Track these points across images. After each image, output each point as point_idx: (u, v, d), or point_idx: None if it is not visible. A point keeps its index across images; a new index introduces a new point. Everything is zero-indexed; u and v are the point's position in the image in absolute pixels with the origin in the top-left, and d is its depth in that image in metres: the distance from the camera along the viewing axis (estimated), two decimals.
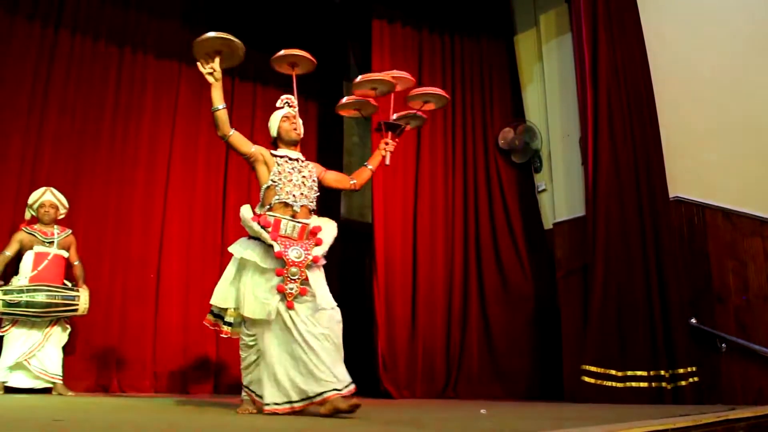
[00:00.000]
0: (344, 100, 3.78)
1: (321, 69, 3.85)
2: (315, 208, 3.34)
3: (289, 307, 2.99)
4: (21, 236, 4.67)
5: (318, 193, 3.37)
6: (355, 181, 3.51)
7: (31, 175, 5.08)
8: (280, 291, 2.99)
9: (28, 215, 4.79)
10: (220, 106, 3.25)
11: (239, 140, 3.31)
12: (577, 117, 4.95)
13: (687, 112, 4.57)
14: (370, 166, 3.56)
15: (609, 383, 4.14)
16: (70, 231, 4.88)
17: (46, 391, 4.55)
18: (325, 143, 6.87)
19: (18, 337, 4.47)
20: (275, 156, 3.32)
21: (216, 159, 6.13)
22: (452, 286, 5.48)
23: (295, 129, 3.39)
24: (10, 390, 4.46)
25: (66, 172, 5.25)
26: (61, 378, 4.56)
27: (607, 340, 4.25)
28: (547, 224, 5.50)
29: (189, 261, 5.75)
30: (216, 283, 3.37)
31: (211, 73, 3.22)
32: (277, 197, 3.21)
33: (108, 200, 5.44)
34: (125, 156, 5.60)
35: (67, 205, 4.88)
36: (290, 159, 3.33)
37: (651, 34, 4.70)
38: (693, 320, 4.18)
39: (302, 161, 3.37)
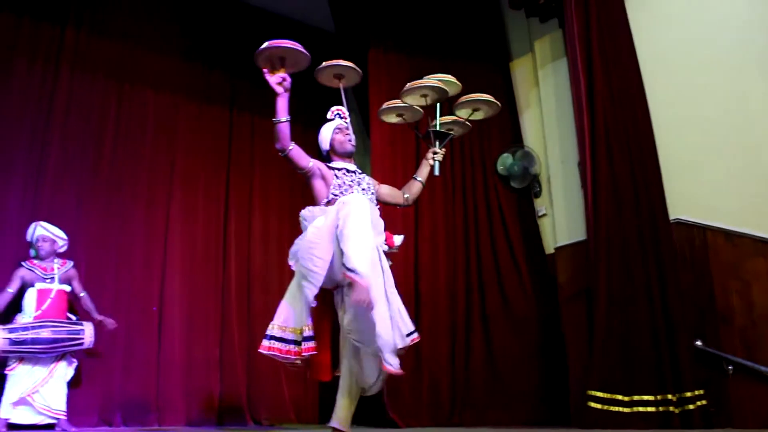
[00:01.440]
0: (387, 104, 3.69)
1: (318, 100, 3.87)
2: None
3: None
4: (22, 272, 4.67)
5: (378, 206, 3.29)
6: (408, 195, 3.43)
7: (33, 210, 5.09)
8: None
9: (33, 252, 4.80)
10: (284, 118, 3.04)
11: (298, 154, 3.13)
12: (575, 141, 4.97)
13: (685, 133, 4.58)
14: (419, 179, 3.45)
15: (616, 408, 4.10)
16: (72, 263, 4.86)
17: (49, 427, 4.52)
18: None
19: (23, 374, 4.45)
20: (333, 169, 3.21)
21: (216, 190, 6.15)
22: (455, 312, 5.45)
23: (349, 140, 3.30)
24: (13, 427, 4.43)
25: (66, 207, 5.26)
26: (64, 414, 4.52)
27: (612, 365, 4.22)
28: (549, 249, 5.48)
29: (191, 293, 5.75)
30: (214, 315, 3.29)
31: (280, 83, 3.04)
32: None
33: (109, 234, 5.45)
34: (125, 190, 5.62)
35: (63, 236, 4.86)
36: (348, 171, 3.25)
37: (645, 55, 4.72)
38: (698, 342, 4.14)
39: (359, 173, 3.30)
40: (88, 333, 4.60)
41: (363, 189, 3.22)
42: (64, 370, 4.62)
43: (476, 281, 5.55)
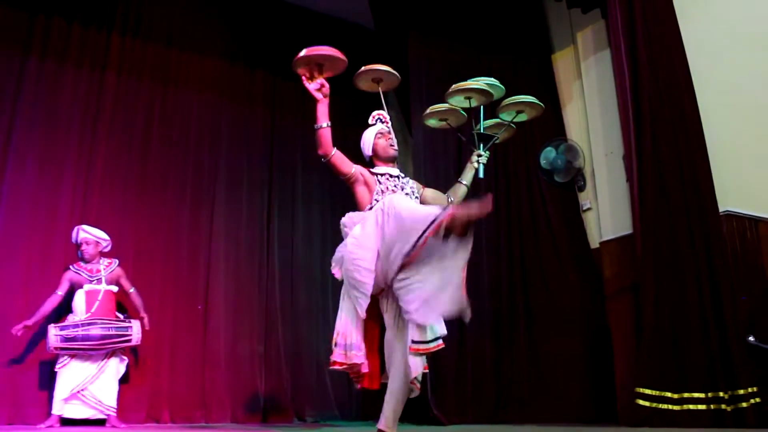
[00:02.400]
0: (431, 109, 3.66)
1: (359, 99, 3.87)
2: None
3: None
4: (70, 275, 4.81)
5: None
6: (452, 199, 3.34)
7: (83, 211, 5.24)
8: None
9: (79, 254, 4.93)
10: (324, 124, 3.05)
11: (340, 160, 3.12)
12: (619, 134, 4.86)
13: (734, 123, 4.45)
14: (464, 182, 3.37)
15: (665, 406, 4.00)
16: (117, 262, 4.97)
17: (100, 422, 4.64)
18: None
19: (73, 371, 4.58)
20: (376, 174, 3.20)
21: (259, 190, 6.23)
22: (499, 308, 5.40)
23: (392, 145, 3.27)
24: (66, 422, 4.57)
25: (114, 209, 5.41)
26: (115, 410, 4.64)
27: (661, 361, 4.12)
28: (594, 243, 5.39)
29: (236, 291, 5.83)
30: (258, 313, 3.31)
31: (319, 89, 3.03)
32: None
33: (155, 234, 5.57)
34: (171, 190, 5.75)
35: (105, 237, 4.95)
36: (391, 176, 3.22)
37: (692, 45, 4.60)
38: (751, 338, 4.01)
39: (403, 177, 3.28)
40: (135, 330, 4.72)
41: (407, 194, 3.19)
42: (115, 367, 4.73)
43: (519, 276, 5.49)
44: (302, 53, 3.02)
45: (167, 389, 5.27)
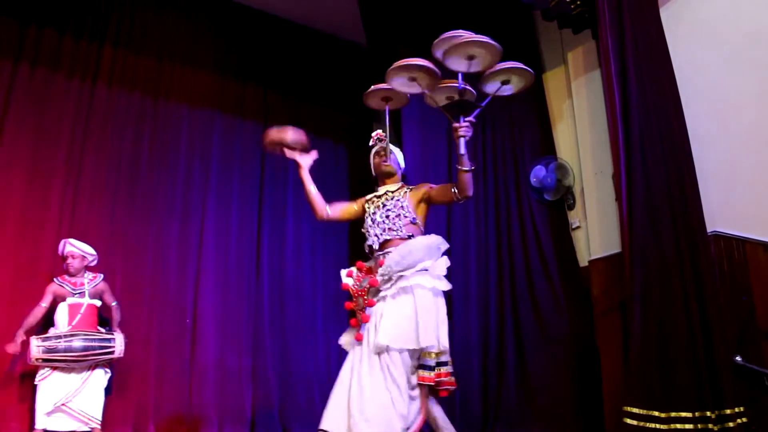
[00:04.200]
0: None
1: (351, 114, 3.90)
2: (411, 233, 3.32)
3: (357, 339, 3.15)
4: (53, 288, 4.79)
5: (413, 216, 3.35)
6: (455, 189, 3.27)
7: (71, 224, 5.22)
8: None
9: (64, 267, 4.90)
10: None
11: (338, 212, 3.51)
12: (608, 153, 4.90)
13: (722, 144, 4.49)
14: (458, 166, 3.24)
15: (652, 425, 4.00)
16: (101, 277, 4.96)
17: None
18: (357, 186, 6.91)
19: (55, 383, 4.53)
20: (366, 201, 3.43)
21: (249, 203, 6.22)
22: (487, 326, 5.40)
23: (383, 162, 3.43)
24: None
25: (102, 221, 5.38)
26: (99, 422, 4.59)
27: (649, 380, 4.12)
28: (583, 261, 5.41)
29: (224, 304, 5.81)
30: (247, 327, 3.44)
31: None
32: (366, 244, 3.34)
33: (144, 247, 5.55)
34: (161, 203, 5.73)
35: (92, 252, 4.94)
36: (378, 196, 3.41)
37: (681, 65, 4.65)
38: (738, 358, 4.03)
39: (390, 193, 3.40)
40: (118, 342, 4.69)
41: (388, 209, 3.33)
42: (99, 378, 4.69)
43: (509, 294, 5.50)
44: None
45: (154, 403, 5.23)
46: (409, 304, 3.15)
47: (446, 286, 3.38)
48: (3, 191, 5.05)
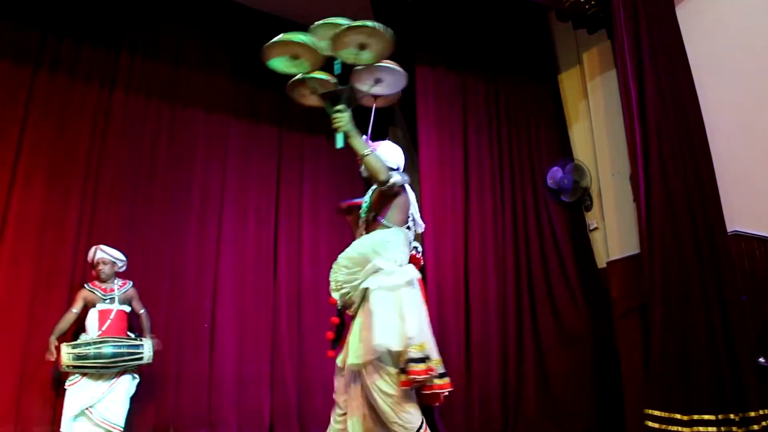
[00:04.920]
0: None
1: (366, 117, 3.89)
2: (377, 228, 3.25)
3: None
4: (84, 294, 4.85)
5: (372, 212, 3.30)
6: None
7: (89, 230, 5.26)
8: None
9: (94, 273, 4.95)
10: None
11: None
12: (625, 153, 4.87)
13: (741, 142, 4.45)
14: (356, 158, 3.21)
15: (674, 428, 3.95)
16: (131, 283, 5.01)
17: None
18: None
19: (83, 389, 4.57)
20: None
21: (266, 208, 6.24)
22: (506, 328, 5.38)
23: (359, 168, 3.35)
24: None
25: (121, 226, 5.42)
26: (122, 430, 4.61)
27: (670, 382, 4.07)
28: (601, 263, 5.38)
29: (242, 309, 5.83)
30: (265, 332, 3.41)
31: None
32: None
33: (162, 252, 5.58)
34: (178, 209, 5.76)
35: (122, 257, 5.01)
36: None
37: (698, 63, 4.61)
38: (761, 359, 3.98)
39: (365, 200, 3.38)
40: (147, 348, 4.74)
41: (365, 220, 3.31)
42: (127, 384, 4.73)
43: (527, 296, 5.47)
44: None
45: (173, 408, 5.25)
46: (367, 313, 3.02)
47: (404, 276, 3.11)
48: (23, 197, 5.10)
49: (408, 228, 3.30)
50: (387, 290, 3.02)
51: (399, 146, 3.51)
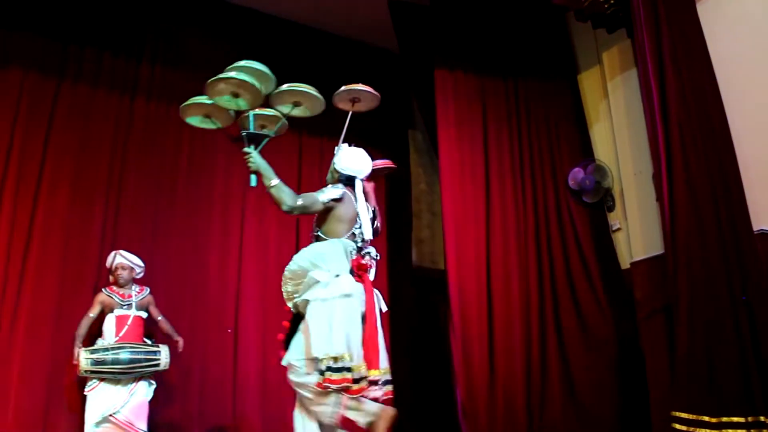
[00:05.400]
0: (191, 101, 3.72)
1: (385, 120, 3.89)
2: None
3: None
4: (102, 298, 4.88)
5: (315, 225, 3.68)
6: None
7: (113, 237, 5.31)
8: None
9: (112, 279, 5.00)
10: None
11: None
12: (647, 152, 4.82)
13: (765, 140, 4.38)
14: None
15: (703, 430, 3.90)
16: (148, 290, 5.05)
17: None
18: (394, 192, 6.92)
19: (104, 394, 4.61)
20: None
21: (288, 216, 6.24)
22: (530, 330, 5.34)
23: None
24: None
25: (144, 233, 5.48)
26: None
27: (697, 384, 4.01)
28: (624, 264, 5.32)
29: (265, 315, 5.84)
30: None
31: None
32: None
33: (185, 258, 5.62)
34: (200, 217, 5.81)
35: (141, 263, 5.05)
36: None
37: (721, 60, 4.54)
38: None
39: None
40: (164, 355, 4.77)
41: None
42: (145, 389, 4.76)
43: (550, 298, 5.44)
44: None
45: (197, 413, 5.28)
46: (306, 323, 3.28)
47: (339, 288, 3.35)
48: (48, 205, 5.18)
49: (354, 234, 3.49)
50: (321, 302, 3.28)
51: (361, 150, 3.74)
